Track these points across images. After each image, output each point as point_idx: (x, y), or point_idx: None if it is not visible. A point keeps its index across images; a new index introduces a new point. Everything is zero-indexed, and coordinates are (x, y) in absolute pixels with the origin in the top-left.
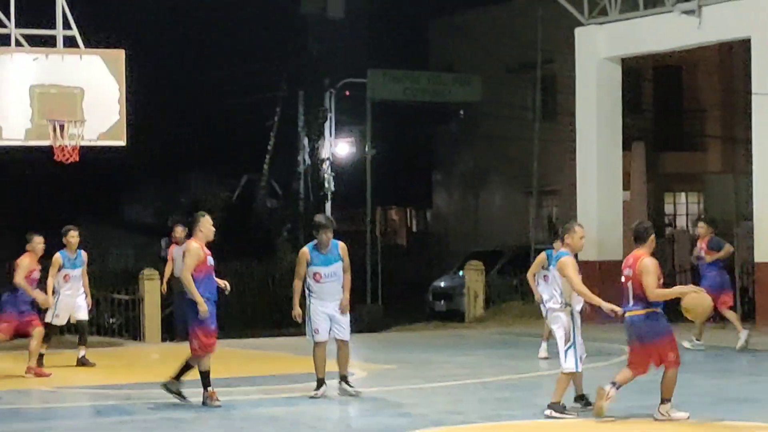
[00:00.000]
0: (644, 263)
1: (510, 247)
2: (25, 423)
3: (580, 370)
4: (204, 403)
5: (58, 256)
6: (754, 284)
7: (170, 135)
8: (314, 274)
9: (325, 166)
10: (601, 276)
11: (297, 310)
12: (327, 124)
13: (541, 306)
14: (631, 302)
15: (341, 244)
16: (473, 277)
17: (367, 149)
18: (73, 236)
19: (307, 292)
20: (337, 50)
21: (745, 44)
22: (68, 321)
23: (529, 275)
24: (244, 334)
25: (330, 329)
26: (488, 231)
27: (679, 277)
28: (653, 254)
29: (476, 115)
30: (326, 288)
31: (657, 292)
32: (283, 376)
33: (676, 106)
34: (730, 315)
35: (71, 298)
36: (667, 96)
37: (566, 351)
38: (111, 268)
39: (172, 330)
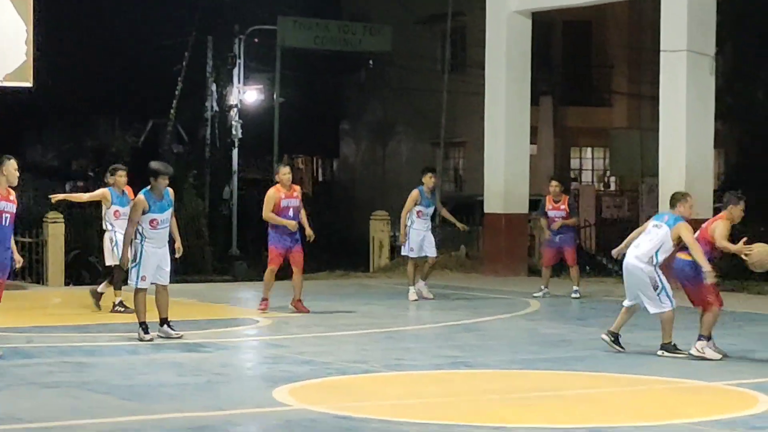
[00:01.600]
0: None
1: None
2: None
3: (675, 305)
4: None
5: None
6: None
7: (77, 78)
8: (151, 220)
9: (233, 113)
10: (507, 228)
11: (127, 257)
12: (236, 71)
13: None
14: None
15: (171, 191)
16: (378, 227)
17: (275, 97)
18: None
19: (139, 238)
20: None
21: (654, 1)
22: None
23: (403, 213)
24: None
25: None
26: (395, 182)
27: (583, 233)
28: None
29: (386, 66)
30: (161, 234)
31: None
32: (187, 322)
33: (585, 62)
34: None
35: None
36: (576, 51)
37: (659, 295)
38: None
39: (75, 274)
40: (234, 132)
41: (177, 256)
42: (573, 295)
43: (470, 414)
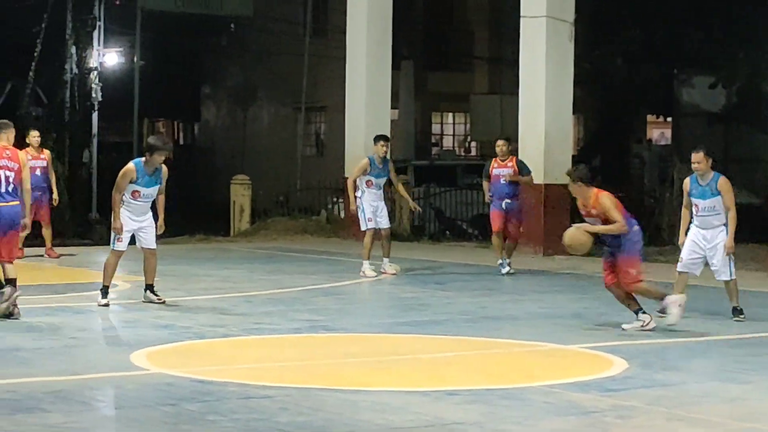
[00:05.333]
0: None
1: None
2: None
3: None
4: None
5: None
6: None
7: None
8: (134, 191)
9: (93, 75)
10: None
11: (119, 223)
12: (96, 33)
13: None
14: None
15: (165, 169)
16: (239, 191)
17: (135, 60)
18: None
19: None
20: None
21: None
22: None
23: (349, 182)
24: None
25: (134, 240)
26: (256, 146)
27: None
28: None
29: (248, 30)
30: (141, 206)
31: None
32: (45, 286)
33: (446, 27)
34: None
35: None
36: (437, 16)
37: (730, 261)
38: None
39: None
40: (94, 95)
41: (158, 233)
42: (504, 270)
43: (329, 377)
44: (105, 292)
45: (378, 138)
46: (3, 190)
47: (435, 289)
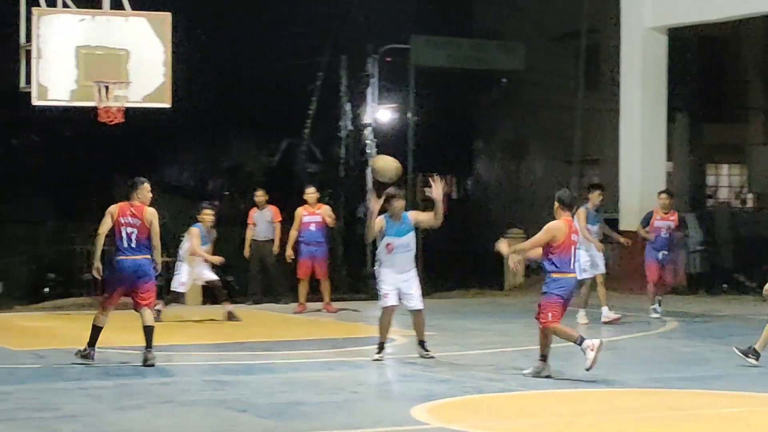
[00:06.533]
0: None
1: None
2: (65, 382)
3: None
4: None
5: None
6: None
7: (212, 98)
8: (387, 244)
9: (367, 131)
10: (644, 246)
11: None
12: (369, 90)
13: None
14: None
15: (410, 215)
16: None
17: (408, 115)
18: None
19: (377, 259)
20: (380, 15)
21: None
22: None
23: (584, 234)
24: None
25: (399, 299)
26: (529, 199)
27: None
28: None
29: (519, 83)
30: (397, 258)
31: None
32: (322, 340)
33: (720, 78)
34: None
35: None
36: (711, 67)
37: None
38: None
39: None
40: (368, 151)
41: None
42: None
43: None
44: (381, 347)
45: (594, 187)
46: (125, 245)
47: (714, 344)
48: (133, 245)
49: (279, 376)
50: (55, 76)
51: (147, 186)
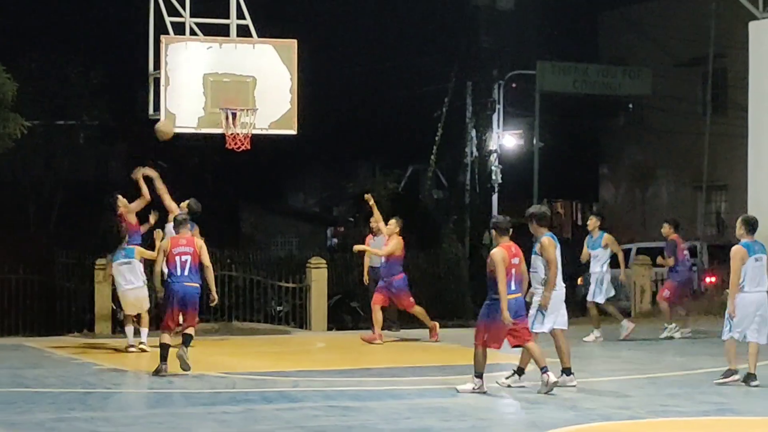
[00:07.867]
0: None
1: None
2: (193, 407)
3: None
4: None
5: None
6: None
7: (337, 124)
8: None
9: (493, 158)
10: None
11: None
12: (495, 116)
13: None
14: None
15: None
16: (640, 272)
17: (534, 141)
18: None
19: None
20: (506, 42)
21: None
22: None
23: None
24: (406, 326)
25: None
26: (656, 226)
27: None
28: None
29: (645, 109)
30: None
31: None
32: (450, 367)
33: None
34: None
35: None
36: None
37: None
38: (275, 256)
39: (338, 318)
40: (494, 177)
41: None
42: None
43: None
44: (519, 372)
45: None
46: (181, 273)
47: None
48: (186, 273)
49: (405, 402)
50: (182, 104)
51: None
